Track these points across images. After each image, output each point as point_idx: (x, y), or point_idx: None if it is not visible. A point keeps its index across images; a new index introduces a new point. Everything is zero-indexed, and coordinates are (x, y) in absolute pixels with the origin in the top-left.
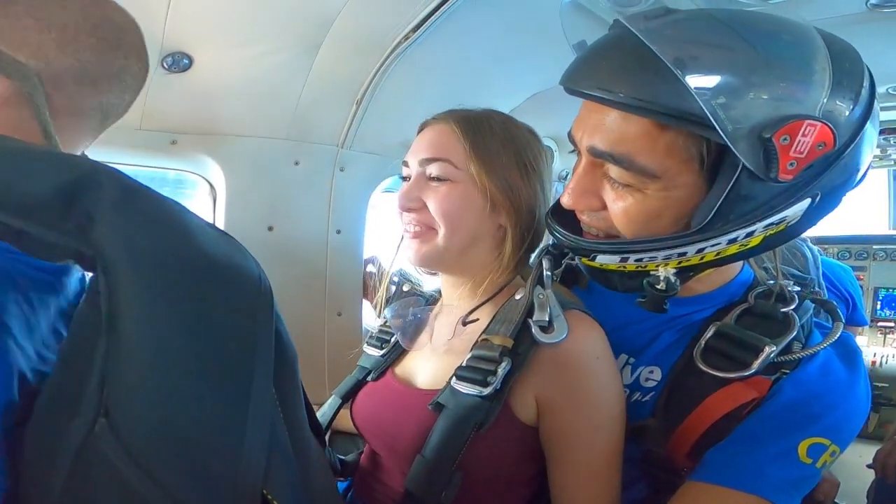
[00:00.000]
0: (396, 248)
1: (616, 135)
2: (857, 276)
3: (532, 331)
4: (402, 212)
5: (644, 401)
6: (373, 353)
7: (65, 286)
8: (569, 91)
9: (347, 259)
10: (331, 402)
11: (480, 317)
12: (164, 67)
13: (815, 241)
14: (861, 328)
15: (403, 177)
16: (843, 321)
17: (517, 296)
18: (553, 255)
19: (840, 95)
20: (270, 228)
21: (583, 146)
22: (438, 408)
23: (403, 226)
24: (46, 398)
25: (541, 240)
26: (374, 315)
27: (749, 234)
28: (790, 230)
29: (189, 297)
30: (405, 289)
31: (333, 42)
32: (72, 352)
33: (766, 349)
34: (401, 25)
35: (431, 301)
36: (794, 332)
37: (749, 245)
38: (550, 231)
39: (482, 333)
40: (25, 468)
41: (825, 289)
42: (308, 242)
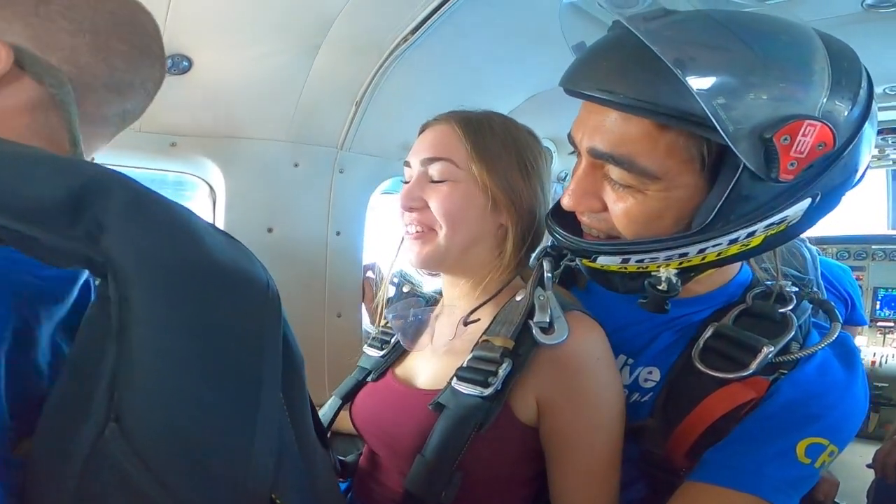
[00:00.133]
0: (397, 250)
1: (616, 136)
2: (856, 276)
3: (533, 332)
4: (405, 212)
5: (643, 401)
6: (373, 354)
7: (69, 296)
8: (569, 92)
9: (347, 260)
10: (331, 403)
11: (481, 317)
12: None
13: (814, 242)
14: (860, 328)
15: (405, 180)
16: (841, 321)
17: (518, 297)
18: (552, 257)
19: (839, 95)
20: (270, 230)
21: (583, 147)
22: (439, 408)
23: (405, 227)
24: (56, 403)
25: (540, 240)
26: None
27: (750, 235)
28: (791, 230)
29: (199, 303)
30: (405, 290)
31: (332, 44)
32: (81, 357)
33: (764, 350)
34: (399, 27)
35: (432, 302)
36: (792, 333)
37: (750, 245)
38: (551, 232)
39: (483, 334)
40: (35, 473)
41: (824, 289)
42: (308, 244)
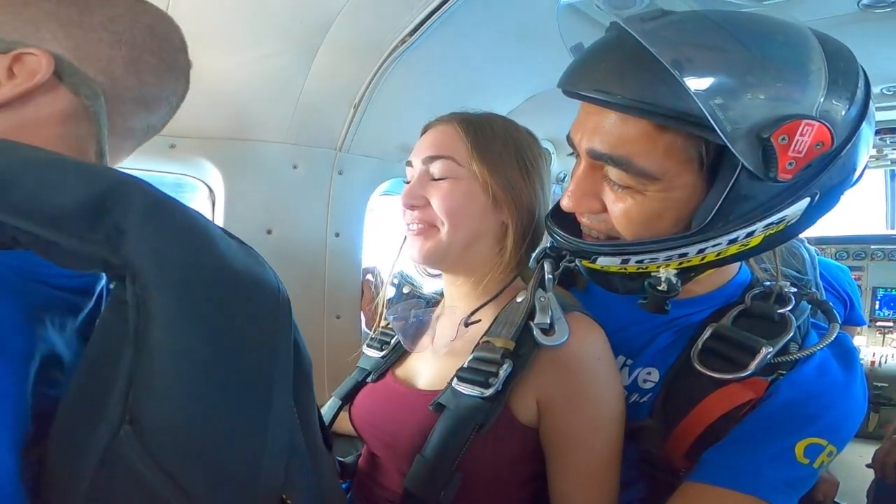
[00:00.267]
0: (399, 250)
1: (615, 137)
2: (855, 277)
3: (534, 333)
4: (406, 209)
5: (642, 402)
6: (372, 355)
7: (84, 307)
8: (567, 93)
9: (346, 262)
10: (330, 404)
11: (482, 319)
12: None
13: (813, 242)
14: (859, 328)
15: (407, 180)
16: (840, 322)
17: (518, 298)
18: (552, 258)
19: (836, 95)
20: (269, 232)
21: (582, 149)
22: (439, 408)
23: (406, 224)
24: (71, 405)
25: (540, 240)
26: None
27: (749, 234)
28: (790, 230)
29: (215, 308)
30: (405, 291)
31: (331, 45)
32: (96, 360)
33: (763, 350)
34: (398, 29)
35: (433, 303)
36: (791, 333)
37: (749, 245)
38: (551, 233)
39: (484, 335)
40: (49, 474)
41: (822, 289)
42: (307, 245)
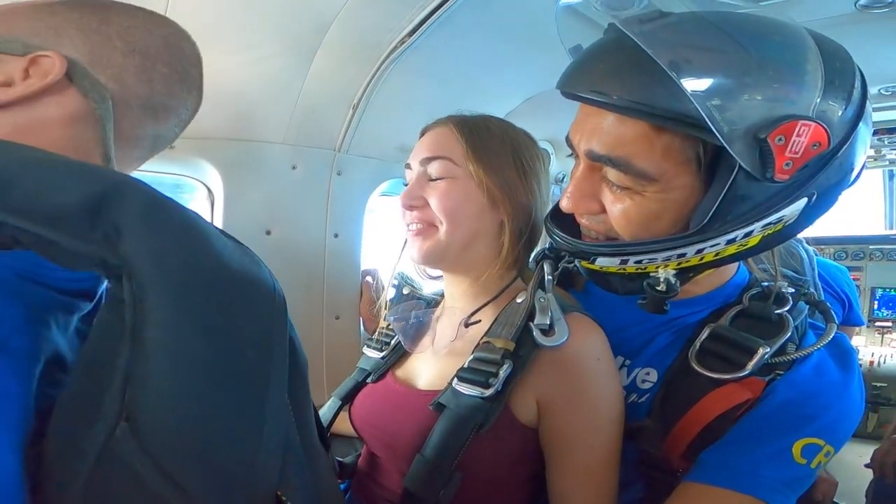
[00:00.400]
0: (401, 251)
1: (613, 138)
2: (854, 277)
3: (533, 334)
4: (406, 210)
5: (640, 402)
6: (372, 356)
7: (85, 309)
8: (565, 94)
9: (345, 263)
10: (330, 404)
11: (481, 319)
12: None
13: (812, 242)
14: (858, 328)
15: (406, 182)
16: (837, 322)
17: (518, 299)
18: (551, 259)
19: (832, 95)
20: (268, 232)
21: (580, 150)
22: (439, 408)
23: (406, 225)
24: (67, 403)
25: (538, 240)
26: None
27: (747, 235)
28: (788, 230)
29: (211, 307)
30: (405, 292)
31: (330, 47)
32: (93, 358)
33: (760, 350)
34: (396, 30)
35: (433, 304)
36: (788, 334)
37: (747, 245)
38: (550, 234)
39: (484, 336)
40: (45, 472)
41: (821, 289)
42: (306, 246)
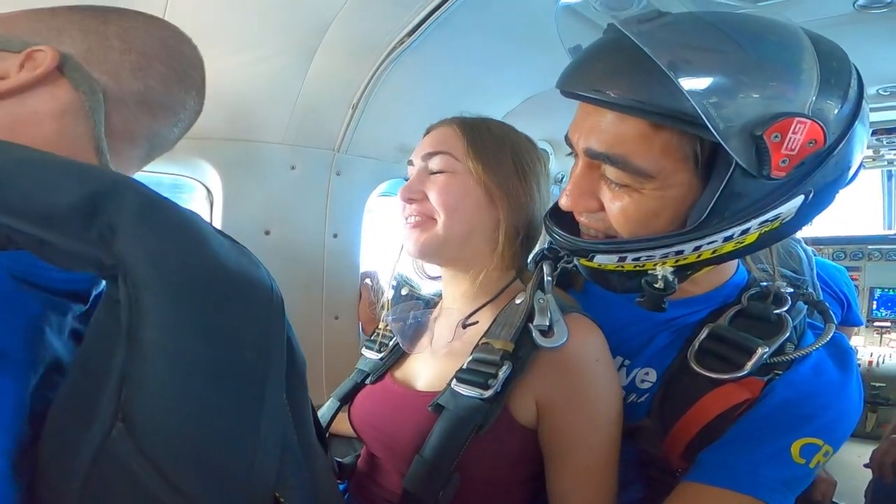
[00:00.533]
0: (399, 251)
1: (612, 136)
2: (853, 277)
3: (532, 335)
4: (405, 203)
5: (639, 402)
6: (371, 357)
7: (80, 311)
8: (565, 94)
9: (344, 263)
10: (329, 405)
11: (480, 320)
12: None
13: (810, 242)
14: (857, 328)
15: (407, 177)
16: (836, 322)
17: (517, 300)
18: (550, 260)
19: (828, 94)
20: (267, 233)
21: (579, 148)
22: (438, 409)
23: (404, 218)
24: (63, 404)
25: (537, 239)
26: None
27: (744, 232)
28: (785, 227)
29: (209, 307)
30: (403, 292)
31: (329, 47)
32: (89, 359)
33: (759, 350)
34: (396, 30)
35: (431, 305)
36: (787, 334)
37: (745, 242)
38: (549, 232)
39: (483, 336)
40: (42, 473)
41: (819, 289)
42: (305, 246)
